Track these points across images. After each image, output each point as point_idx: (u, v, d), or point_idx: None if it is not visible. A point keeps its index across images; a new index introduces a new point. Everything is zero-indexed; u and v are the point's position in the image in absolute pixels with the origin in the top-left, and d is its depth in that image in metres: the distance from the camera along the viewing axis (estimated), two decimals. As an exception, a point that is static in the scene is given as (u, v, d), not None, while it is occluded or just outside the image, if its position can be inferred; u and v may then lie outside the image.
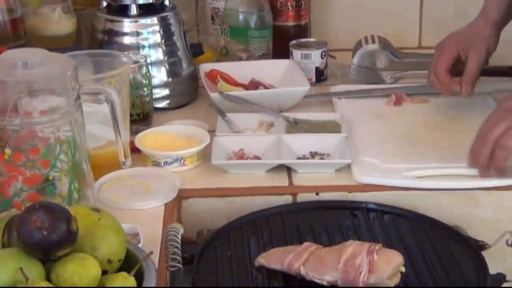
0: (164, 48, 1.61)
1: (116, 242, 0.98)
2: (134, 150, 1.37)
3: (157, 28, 1.61)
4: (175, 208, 1.29)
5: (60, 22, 1.74)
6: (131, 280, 0.95)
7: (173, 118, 1.56)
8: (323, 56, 1.75)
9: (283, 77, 1.67)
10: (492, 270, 1.11)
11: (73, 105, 1.11)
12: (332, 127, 1.48)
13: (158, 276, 0.99)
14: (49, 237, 0.91)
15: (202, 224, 1.30)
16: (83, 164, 1.14)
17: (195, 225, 1.29)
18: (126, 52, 1.49)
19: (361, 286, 1.05)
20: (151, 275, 0.97)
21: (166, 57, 1.62)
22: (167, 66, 1.62)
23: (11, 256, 0.92)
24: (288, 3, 1.81)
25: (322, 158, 1.40)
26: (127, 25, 1.60)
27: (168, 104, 1.63)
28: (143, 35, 1.60)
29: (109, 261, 0.97)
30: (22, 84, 1.07)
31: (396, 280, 1.07)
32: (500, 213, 1.31)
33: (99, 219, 0.99)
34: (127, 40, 1.59)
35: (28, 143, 1.09)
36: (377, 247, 1.08)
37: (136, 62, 1.49)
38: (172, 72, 1.63)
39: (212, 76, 1.65)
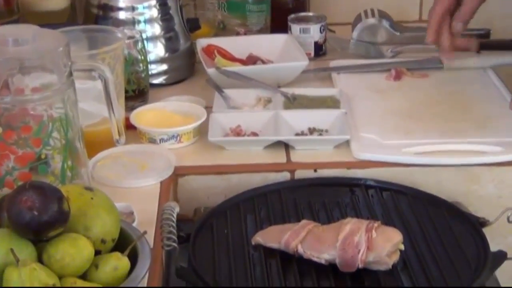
0: (160, 23, 1.59)
1: (110, 221, 0.97)
2: (130, 127, 1.36)
3: (153, 2, 1.58)
4: (171, 185, 1.28)
5: (53, -3, 1.72)
6: (125, 260, 0.93)
7: (169, 94, 1.54)
8: (322, 31, 1.72)
9: (281, 52, 1.65)
10: (493, 247, 1.10)
11: (65, 82, 1.09)
12: (330, 103, 1.46)
13: (152, 255, 0.98)
14: (40, 218, 0.89)
15: (199, 201, 1.29)
16: (76, 142, 1.13)
17: (192, 203, 1.28)
18: (121, 28, 1.47)
19: (360, 264, 1.04)
20: (145, 255, 0.96)
21: (162, 32, 1.60)
22: (163, 41, 1.60)
23: (2, 237, 0.91)
24: (287, -24, 1.79)
25: (320, 134, 1.38)
26: (122, -1, 1.58)
27: (164, 80, 1.61)
28: (138, 10, 1.57)
29: (103, 241, 0.96)
30: (13, 61, 1.05)
31: (395, 257, 1.06)
32: (501, 189, 1.30)
33: (92, 198, 0.97)
34: (122, 15, 1.57)
35: (20, 121, 1.08)
36: (375, 225, 1.07)
37: (131, 37, 1.47)
38: (169, 47, 1.61)
39: (209, 51, 1.63)
